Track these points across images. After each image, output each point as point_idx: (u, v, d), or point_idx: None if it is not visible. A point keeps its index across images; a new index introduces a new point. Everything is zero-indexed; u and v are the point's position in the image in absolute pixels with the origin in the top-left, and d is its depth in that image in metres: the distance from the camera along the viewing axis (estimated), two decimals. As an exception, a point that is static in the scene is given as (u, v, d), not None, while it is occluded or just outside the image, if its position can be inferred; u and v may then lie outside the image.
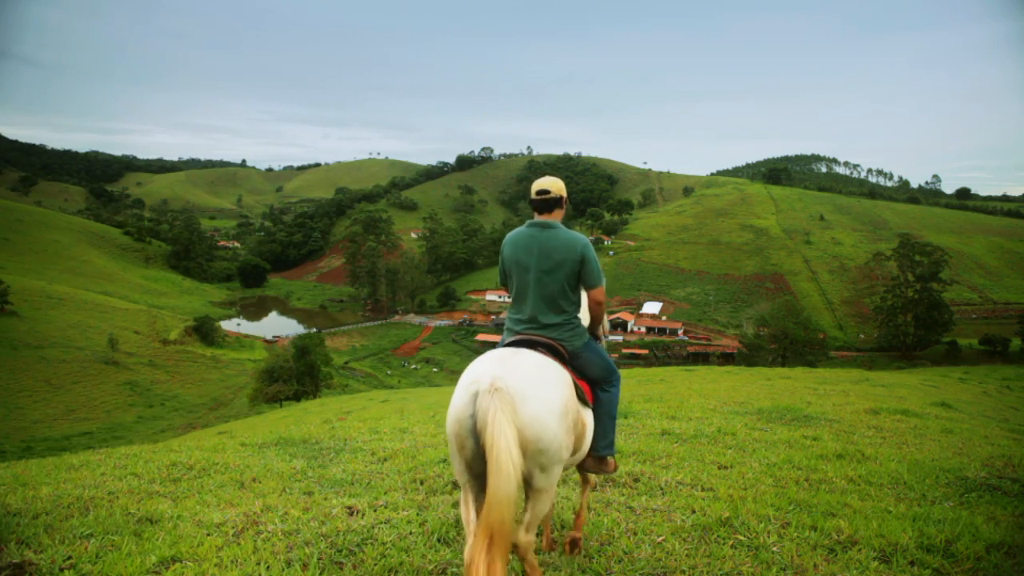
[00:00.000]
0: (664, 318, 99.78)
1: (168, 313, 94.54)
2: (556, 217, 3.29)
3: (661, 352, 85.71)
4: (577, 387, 3.13)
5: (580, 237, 3.21)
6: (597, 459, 3.42)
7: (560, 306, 3.21)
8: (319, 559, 3.46)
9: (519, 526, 2.76)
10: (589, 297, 3.39)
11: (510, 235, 3.32)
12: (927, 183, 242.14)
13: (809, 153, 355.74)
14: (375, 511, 4.26)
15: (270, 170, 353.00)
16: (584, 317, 3.51)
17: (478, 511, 2.70)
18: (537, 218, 3.28)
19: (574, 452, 3.09)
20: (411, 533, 3.81)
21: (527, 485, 2.83)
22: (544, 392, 2.78)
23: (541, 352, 3.03)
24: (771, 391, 14.31)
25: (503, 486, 2.50)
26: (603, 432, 3.37)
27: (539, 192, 3.29)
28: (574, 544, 3.59)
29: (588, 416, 3.24)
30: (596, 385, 3.35)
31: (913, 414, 9.54)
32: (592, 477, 3.78)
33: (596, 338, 3.55)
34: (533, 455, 2.72)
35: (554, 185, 3.30)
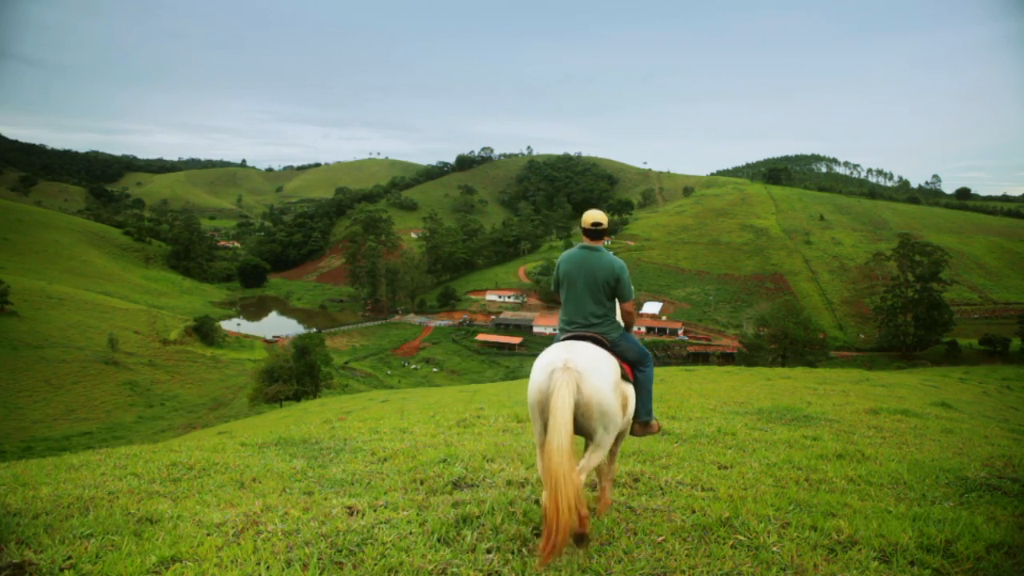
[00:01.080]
0: (664, 318, 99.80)
1: (168, 313, 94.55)
2: (602, 243, 4.20)
3: (661, 352, 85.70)
4: (621, 368, 3.99)
5: (617, 261, 4.08)
6: (642, 424, 4.34)
7: (599, 310, 4.11)
8: (319, 559, 3.46)
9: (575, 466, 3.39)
10: (621, 308, 4.27)
11: (565, 254, 4.18)
12: (927, 183, 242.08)
13: (809, 153, 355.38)
14: (375, 511, 4.26)
15: (270, 170, 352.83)
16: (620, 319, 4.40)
17: None
18: (587, 243, 4.16)
19: (623, 417, 3.92)
20: (411, 533, 3.81)
21: (590, 438, 3.68)
22: (602, 369, 3.69)
23: (593, 343, 3.93)
24: (771, 391, 14.32)
25: (557, 437, 3.28)
26: (643, 402, 4.27)
27: (594, 224, 4.13)
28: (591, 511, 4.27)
29: (629, 390, 4.08)
30: (634, 366, 4.21)
31: (913, 414, 9.54)
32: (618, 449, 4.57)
33: (627, 333, 4.37)
34: (599, 417, 3.61)
35: (604, 218, 4.15)
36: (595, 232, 4.12)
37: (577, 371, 3.54)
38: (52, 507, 4.41)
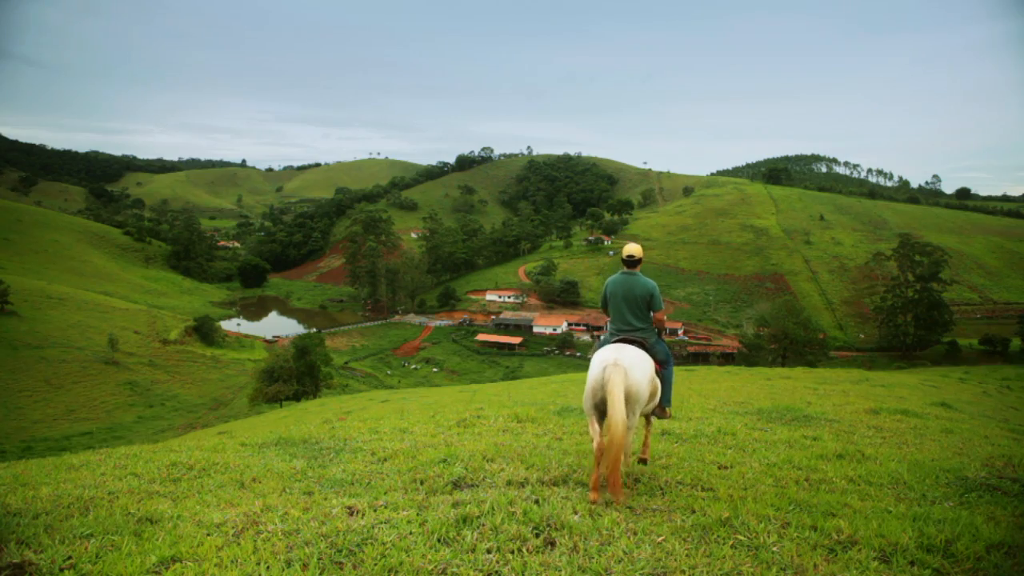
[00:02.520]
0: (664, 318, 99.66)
1: (168, 313, 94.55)
2: (637, 269, 5.50)
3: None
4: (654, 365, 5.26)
5: (650, 282, 5.45)
6: (660, 408, 5.66)
7: (641, 320, 5.42)
8: (319, 559, 3.46)
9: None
10: (654, 316, 5.56)
11: (611, 279, 5.56)
12: (927, 183, 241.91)
13: (809, 153, 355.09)
14: (375, 511, 4.26)
15: (270, 170, 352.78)
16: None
17: (600, 427, 4.84)
18: (626, 270, 5.50)
19: (650, 402, 5.27)
20: (411, 533, 3.81)
21: None
22: (640, 368, 4.92)
23: (635, 346, 5.21)
24: (771, 391, 14.34)
25: (617, 413, 4.57)
26: (665, 392, 5.62)
27: (628, 256, 5.48)
28: (643, 461, 5.65)
29: (658, 382, 5.41)
30: (662, 365, 5.52)
31: (913, 414, 9.54)
32: (653, 420, 6.15)
33: (660, 338, 5.67)
34: (633, 403, 4.80)
35: (638, 252, 5.49)
36: (631, 263, 5.50)
37: (623, 367, 4.79)
38: (52, 507, 4.41)
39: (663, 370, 5.53)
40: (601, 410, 4.80)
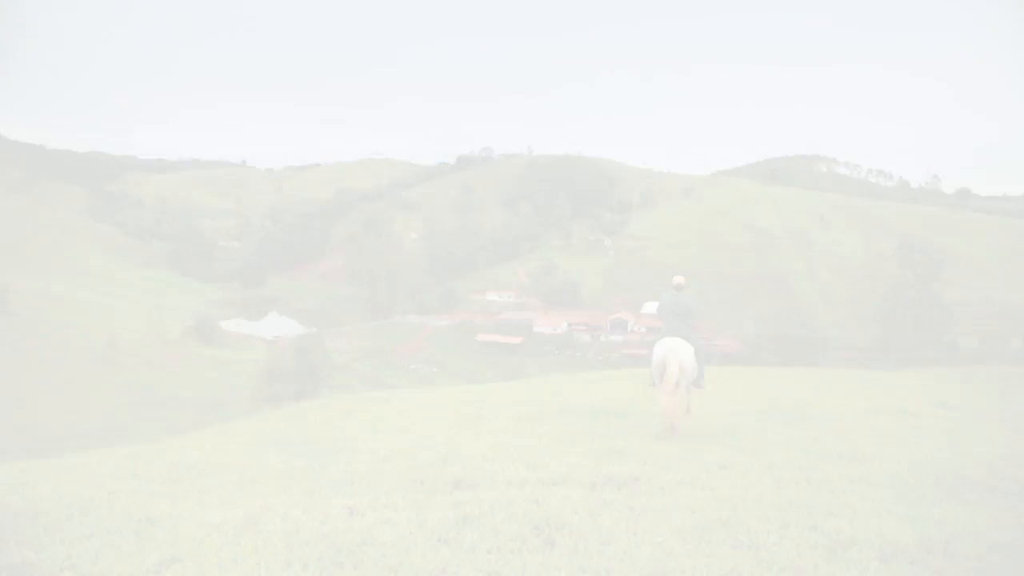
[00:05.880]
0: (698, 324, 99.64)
1: (168, 313, 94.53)
2: (683, 292, 8.20)
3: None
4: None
5: (691, 300, 8.29)
6: (696, 382, 8.10)
7: (684, 324, 8.02)
8: (319, 559, 3.46)
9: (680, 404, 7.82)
10: (694, 323, 8.12)
11: (665, 296, 8.36)
12: (927, 183, 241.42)
13: (809, 153, 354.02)
14: (375, 511, 4.25)
15: (270, 170, 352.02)
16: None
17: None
18: (675, 292, 8.16)
19: (691, 377, 7.75)
20: (411, 533, 3.81)
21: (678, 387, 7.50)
22: (690, 352, 7.68)
23: (682, 339, 7.70)
24: (771, 391, 14.32)
25: (671, 376, 7.40)
26: (700, 371, 8.01)
27: (676, 284, 8.35)
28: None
29: (696, 363, 7.85)
30: (696, 354, 7.83)
31: (913, 414, 9.54)
32: (692, 389, 8.38)
33: (697, 336, 8.11)
34: (685, 374, 7.57)
35: (683, 280, 8.41)
36: (677, 287, 8.23)
37: (678, 351, 7.43)
38: (52, 507, 4.41)
39: (698, 356, 7.98)
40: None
